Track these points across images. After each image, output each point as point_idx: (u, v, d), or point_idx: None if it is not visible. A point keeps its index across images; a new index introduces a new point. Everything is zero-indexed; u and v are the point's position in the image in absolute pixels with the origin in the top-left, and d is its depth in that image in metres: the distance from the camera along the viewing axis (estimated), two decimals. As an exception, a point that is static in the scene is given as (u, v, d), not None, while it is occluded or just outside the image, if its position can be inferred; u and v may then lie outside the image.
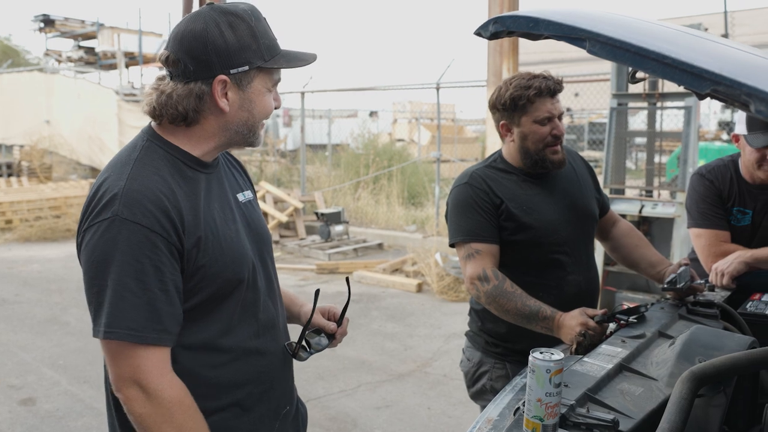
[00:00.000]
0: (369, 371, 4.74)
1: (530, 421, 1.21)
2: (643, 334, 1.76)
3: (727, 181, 2.47)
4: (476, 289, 2.08)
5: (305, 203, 10.56)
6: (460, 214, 2.18)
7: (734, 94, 0.80)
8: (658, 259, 2.29)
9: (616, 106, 5.40)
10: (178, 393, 1.32)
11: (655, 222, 5.06)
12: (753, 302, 2.05)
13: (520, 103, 2.12)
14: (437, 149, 9.69)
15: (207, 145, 1.44)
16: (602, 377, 1.49)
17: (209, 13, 1.37)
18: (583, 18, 0.96)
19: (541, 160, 2.16)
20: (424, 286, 7.02)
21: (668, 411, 1.28)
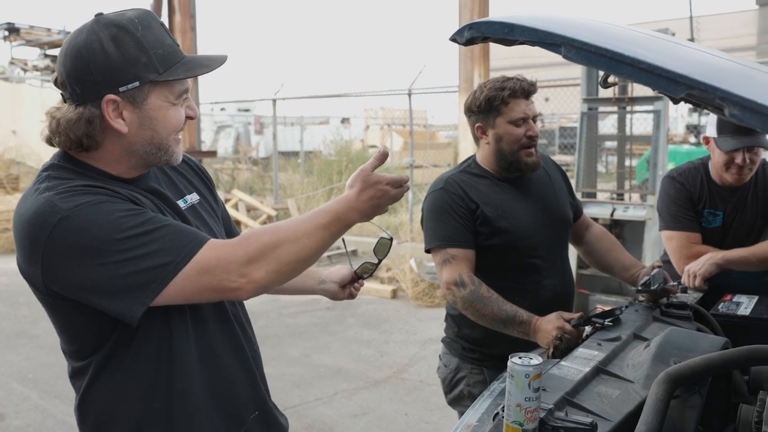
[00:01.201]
0: (345, 378, 4.71)
1: (510, 426, 1.21)
2: (618, 336, 1.77)
3: (698, 184, 2.51)
4: (453, 295, 2.08)
5: (278, 211, 10.49)
6: (435, 220, 2.18)
7: (708, 98, 0.81)
8: (632, 262, 2.31)
9: (586, 110, 5.46)
10: (249, 236, 1.29)
11: (627, 225, 5.12)
12: (725, 303, 2.08)
13: (495, 104, 2.14)
14: (410, 155, 9.71)
15: (119, 167, 1.35)
16: (579, 380, 1.49)
17: (92, 28, 1.27)
18: (558, 24, 0.96)
19: (515, 162, 2.17)
20: (399, 292, 7.02)
21: (645, 413, 1.29)
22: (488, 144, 2.21)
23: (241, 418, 1.53)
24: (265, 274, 1.26)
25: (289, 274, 1.33)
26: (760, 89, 0.86)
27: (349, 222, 1.38)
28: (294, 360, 5.10)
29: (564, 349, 1.79)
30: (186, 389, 1.41)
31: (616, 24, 1.12)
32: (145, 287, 1.22)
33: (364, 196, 1.39)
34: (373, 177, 1.41)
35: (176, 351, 1.39)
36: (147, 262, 1.21)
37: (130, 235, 1.21)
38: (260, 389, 1.60)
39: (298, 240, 1.30)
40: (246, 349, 1.56)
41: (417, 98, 25.20)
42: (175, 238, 1.24)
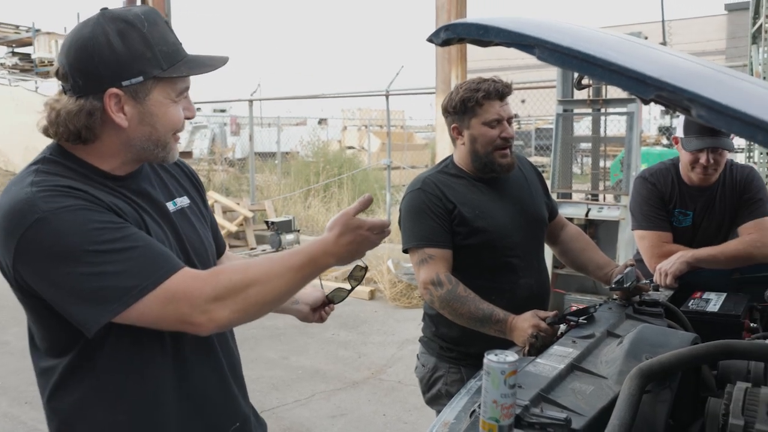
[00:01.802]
0: (323, 380, 4.71)
1: (486, 422, 1.23)
2: (592, 334, 1.80)
3: (669, 184, 2.57)
4: (430, 294, 2.10)
5: (255, 212, 10.43)
6: (413, 220, 2.20)
7: (677, 99, 0.84)
8: (605, 261, 2.36)
9: (561, 112, 5.53)
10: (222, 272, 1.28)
11: (601, 225, 5.19)
12: (695, 300, 2.13)
13: (470, 105, 2.17)
14: (387, 156, 9.73)
15: (113, 161, 1.34)
16: (554, 377, 1.52)
17: (98, 21, 1.28)
18: (532, 26, 0.98)
19: (490, 163, 2.20)
20: (377, 293, 7.04)
21: (618, 407, 1.32)
22: (464, 144, 2.24)
23: (221, 430, 1.52)
24: (229, 314, 1.25)
25: (255, 315, 1.31)
26: (726, 92, 0.89)
27: (323, 266, 1.37)
28: (272, 362, 5.09)
29: (539, 346, 1.81)
30: (156, 402, 1.38)
31: (590, 27, 1.14)
32: (106, 305, 1.20)
33: (343, 240, 1.38)
34: (355, 221, 1.39)
35: (148, 362, 1.37)
36: (112, 280, 1.20)
37: (103, 249, 1.20)
38: (239, 400, 1.59)
39: (268, 281, 1.29)
40: (223, 359, 1.54)
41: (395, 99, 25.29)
42: (147, 261, 1.22)
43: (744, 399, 1.34)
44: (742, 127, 0.79)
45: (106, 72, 1.25)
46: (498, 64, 18.19)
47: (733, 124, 0.80)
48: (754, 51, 5.22)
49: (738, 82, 1.01)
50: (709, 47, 21.97)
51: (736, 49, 20.46)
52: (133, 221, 1.31)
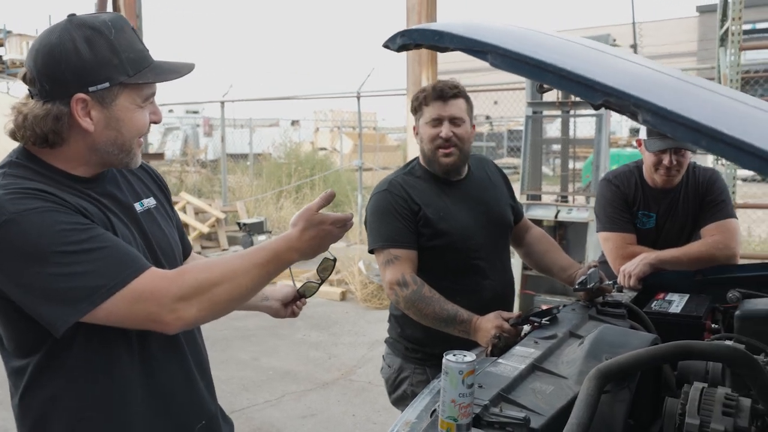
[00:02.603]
0: (294, 381, 4.70)
1: (445, 421, 1.24)
2: (555, 334, 1.82)
3: (632, 186, 2.60)
4: (395, 294, 2.11)
5: (227, 213, 10.37)
6: (379, 221, 2.21)
7: (624, 104, 0.85)
8: (569, 263, 2.38)
9: (531, 114, 5.59)
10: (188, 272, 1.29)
11: (570, 226, 5.25)
12: (657, 301, 2.16)
13: (416, 105, 2.26)
14: (359, 158, 9.73)
15: (79, 165, 1.36)
16: (515, 377, 1.53)
17: (65, 27, 1.30)
18: (486, 31, 0.99)
19: (434, 161, 2.25)
20: (348, 294, 7.04)
21: (576, 407, 1.33)
22: (419, 144, 2.29)
23: (188, 429, 1.53)
24: (196, 312, 1.27)
25: (222, 312, 1.34)
26: (673, 97, 0.91)
27: (287, 261, 1.39)
28: (243, 363, 5.06)
29: (502, 347, 1.83)
30: (124, 400, 1.39)
31: (546, 32, 1.16)
32: (74, 305, 1.21)
33: (306, 236, 1.41)
34: (318, 216, 1.43)
35: (115, 361, 1.38)
36: (81, 281, 1.21)
37: (70, 250, 1.21)
38: (206, 399, 1.60)
39: (233, 279, 1.31)
40: (190, 358, 1.55)
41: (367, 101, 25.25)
42: (114, 261, 1.24)
43: (700, 399, 1.37)
44: (686, 132, 0.81)
45: (72, 78, 1.27)
46: (470, 65, 18.28)
47: (678, 129, 0.82)
48: (722, 53, 5.32)
49: (688, 88, 1.03)
50: (680, 49, 22.34)
51: (706, 51, 20.85)
52: (100, 222, 1.32)
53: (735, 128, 0.81)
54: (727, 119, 0.90)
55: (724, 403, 1.33)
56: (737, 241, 2.43)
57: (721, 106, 0.97)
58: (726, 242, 2.40)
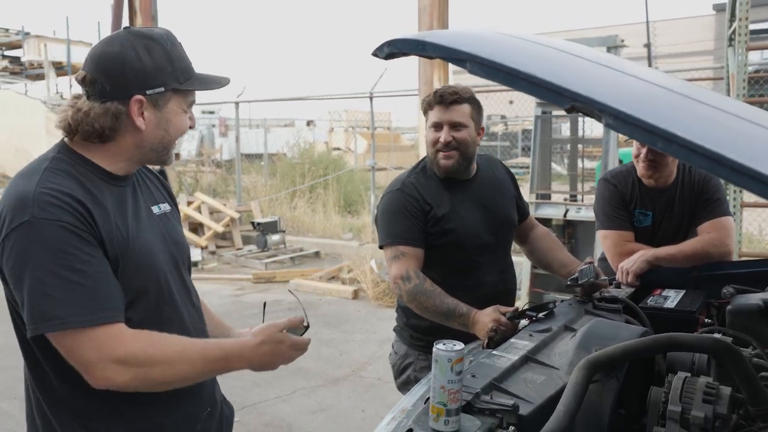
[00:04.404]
0: (305, 377, 4.79)
1: (435, 406, 1.31)
2: (549, 328, 1.89)
3: (629, 185, 2.66)
4: (399, 288, 2.20)
5: (241, 213, 10.50)
6: (390, 219, 2.30)
7: (589, 109, 0.93)
8: (569, 260, 2.46)
9: (540, 114, 5.64)
10: (142, 340, 1.36)
11: (580, 225, 5.30)
12: (653, 297, 2.22)
13: (423, 109, 2.34)
14: (372, 157, 9.81)
15: (120, 161, 1.49)
16: (508, 368, 1.60)
17: (126, 37, 1.44)
18: (466, 40, 1.07)
19: (435, 164, 2.33)
20: (360, 292, 7.12)
21: (565, 395, 1.40)
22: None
23: (197, 417, 1.62)
24: (128, 380, 1.34)
25: (154, 389, 1.41)
26: (635, 101, 0.98)
27: (234, 367, 1.47)
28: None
29: (498, 340, 1.90)
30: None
31: (528, 39, 1.23)
32: (35, 322, 1.31)
33: (262, 350, 1.49)
34: (279, 336, 1.52)
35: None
36: (48, 305, 1.30)
37: (58, 273, 1.30)
38: (211, 387, 1.71)
39: (176, 364, 1.38)
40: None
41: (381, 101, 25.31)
42: (85, 301, 1.32)
43: (682, 387, 1.43)
44: (643, 134, 0.88)
45: (133, 80, 1.42)
46: (485, 65, 18.22)
47: (636, 131, 0.89)
48: (730, 53, 5.34)
49: (655, 91, 1.10)
50: (696, 48, 22.15)
51: (722, 50, 20.68)
52: (126, 217, 1.46)
53: (690, 130, 0.88)
54: (686, 122, 0.96)
55: (705, 391, 1.39)
56: (732, 239, 2.48)
57: (683, 109, 1.04)
58: (721, 239, 2.45)
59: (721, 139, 0.93)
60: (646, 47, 8.44)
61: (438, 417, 1.31)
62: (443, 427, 1.30)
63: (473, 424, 1.34)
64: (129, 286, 1.43)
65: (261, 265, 8.55)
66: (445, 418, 1.30)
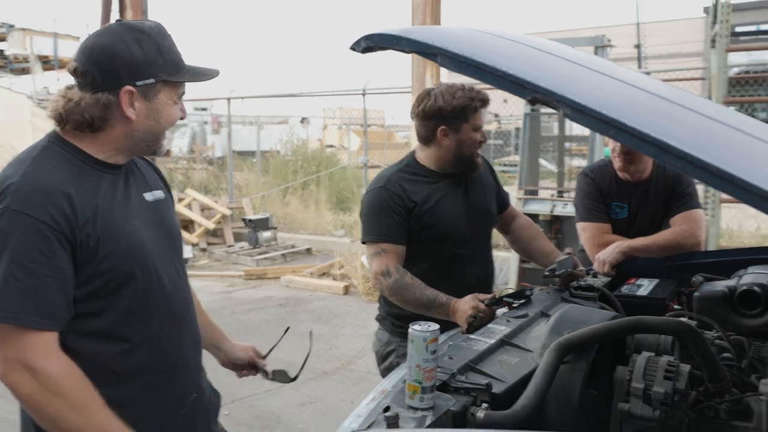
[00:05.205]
0: (294, 371, 4.85)
1: (411, 384, 1.39)
2: (526, 314, 1.98)
3: (607, 179, 2.76)
4: (380, 283, 2.29)
5: (233, 210, 10.55)
6: (373, 215, 2.37)
7: (548, 100, 1.01)
8: (550, 249, 2.55)
9: (529, 111, 5.73)
10: (65, 368, 1.39)
11: (566, 220, 5.40)
12: (628, 286, 2.31)
13: (467, 112, 2.33)
14: (364, 154, 9.89)
15: (110, 150, 1.54)
16: (484, 351, 1.69)
17: (118, 29, 1.50)
18: (438, 35, 1.15)
19: (471, 163, 2.41)
20: (351, 288, 7.20)
21: (536, 375, 1.49)
22: (447, 145, 2.37)
23: (182, 401, 1.68)
24: (27, 394, 1.37)
25: (39, 419, 1.41)
26: (592, 93, 1.06)
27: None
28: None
29: (477, 326, 1.98)
30: (136, 371, 1.54)
31: (499, 35, 1.31)
32: None
33: None
34: None
35: (131, 331, 1.54)
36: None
37: (8, 265, 1.35)
38: (198, 373, 1.77)
39: (76, 412, 1.39)
40: (190, 336, 1.71)
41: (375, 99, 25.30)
42: (19, 297, 1.35)
43: (645, 366, 1.52)
44: (598, 124, 0.96)
45: (124, 72, 1.47)
46: (477, 64, 18.30)
47: (591, 121, 0.97)
48: (712, 55, 5.45)
49: (611, 84, 1.18)
50: (687, 49, 22.31)
51: (711, 51, 20.83)
52: (115, 203, 1.51)
53: (640, 120, 0.96)
54: (637, 113, 1.05)
55: (666, 368, 1.48)
56: (702, 230, 2.58)
57: (638, 102, 1.12)
58: (692, 231, 2.55)
59: (669, 130, 1.01)
60: (636, 48, 8.55)
61: (414, 394, 1.39)
62: (418, 404, 1.38)
63: (447, 401, 1.42)
64: (115, 270, 1.48)
65: (252, 261, 8.61)
66: (421, 395, 1.38)
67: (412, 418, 1.36)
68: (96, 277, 1.46)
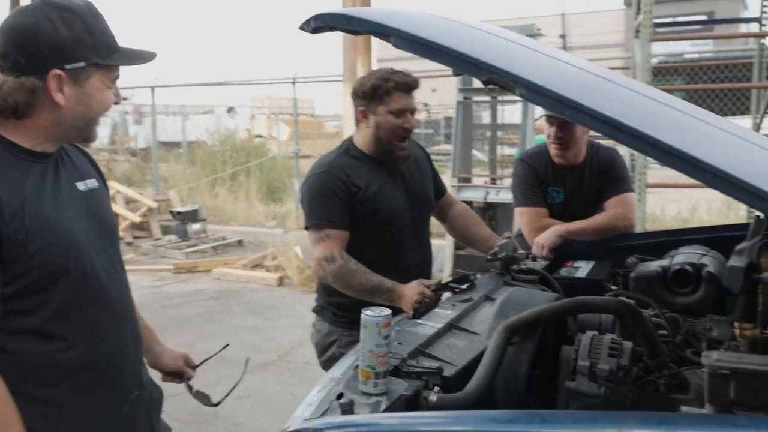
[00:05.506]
0: (229, 364, 4.72)
1: (364, 370, 1.39)
2: (471, 298, 2.01)
3: (543, 164, 2.82)
4: (323, 270, 2.25)
5: (160, 202, 10.26)
6: (316, 201, 2.34)
7: (504, 81, 1.01)
8: (489, 235, 2.59)
9: (462, 99, 5.80)
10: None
11: (499, 207, 5.50)
12: (566, 268, 2.37)
13: (379, 92, 2.33)
14: (295, 144, 9.80)
15: (38, 137, 1.45)
16: (432, 335, 1.70)
17: (41, 8, 1.40)
18: (391, 16, 1.14)
19: (389, 151, 2.38)
20: (285, 279, 7.14)
21: (485, 357, 1.52)
22: (368, 128, 2.38)
23: (123, 398, 1.62)
24: None
25: None
26: (546, 75, 1.08)
27: None
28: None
29: (423, 311, 1.99)
30: (74, 369, 1.48)
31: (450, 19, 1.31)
32: None
33: None
34: None
35: (66, 332, 1.46)
36: None
37: None
38: (140, 369, 1.71)
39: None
40: (129, 332, 1.65)
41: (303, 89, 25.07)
42: None
43: (590, 344, 1.56)
44: (554, 104, 0.98)
45: (50, 54, 1.38)
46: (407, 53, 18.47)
47: (547, 101, 0.99)
48: (636, 45, 5.65)
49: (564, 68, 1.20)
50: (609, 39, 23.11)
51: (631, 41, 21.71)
52: (45, 195, 1.43)
53: (595, 102, 0.98)
54: (591, 95, 1.07)
55: (610, 346, 1.53)
56: (635, 213, 2.68)
57: (591, 85, 1.15)
58: (625, 214, 2.65)
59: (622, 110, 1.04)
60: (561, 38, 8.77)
61: (367, 380, 1.39)
62: (372, 389, 1.38)
63: (400, 386, 1.43)
64: (47, 265, 1.40)
65: (182, 255, 8.41)
66: (374, 381, 1.38)
67: (367, 404, 1.36)
68: (26, 273, 1.38)
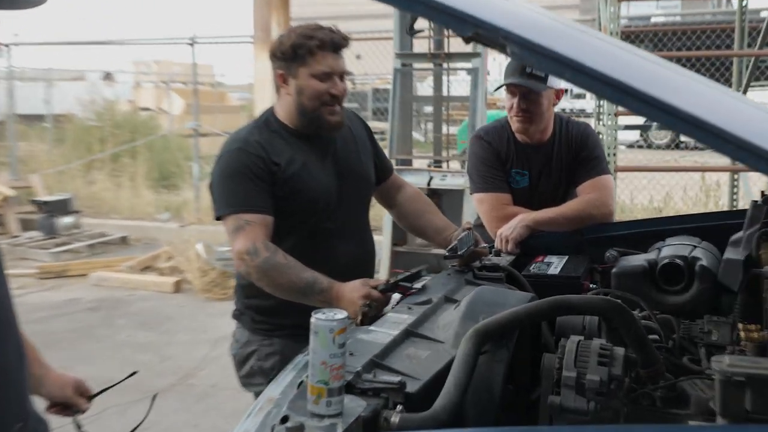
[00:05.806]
0: (117, 391, 4.64)
1: (315, 386, 1.36)
2: (429, 300, 2.03)
3: (504, 142, 2.86)
4: (246, 265, 2.22)
5: (19, 190, 9.91)
6: (230, 183, 2.31)
7: (493, 36, 1.03)
8: (445, 224, 2.60)
9: (400, 67, 5.82)
10: None
11: (445, 194, 5.56)
12: (536, 264, 2.43)
13: (300, 52, 2.30)
14: (194, 119, 9.64)
15: None
16: (388, 344, 1.71)
17: None
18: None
19: (316, 119, 2.36)
20: (184, 284, 7.05)
21: (454, 369, 1.53)
22: (289, 95, 2.37)
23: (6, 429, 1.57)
24: None
25: None
26: (541, 32, 1.10)
27: None
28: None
29: (373, 316, 2.01)
30: None
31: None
32: None
33: None
34: None
35: None
36: None
37: None
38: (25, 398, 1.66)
39: None
40: (11, 355, 1.59)
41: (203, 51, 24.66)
42: None
43: (576, 351, 1.61)
44: (551, 63, 1.01)
45: None
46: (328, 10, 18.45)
47: (543, 61, 1.01)
48: (602, 5, 5.84)
49: (556, 26, 1.24)
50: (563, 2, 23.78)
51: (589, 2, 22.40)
52: None
53: (597, 62, 1.02)
54: (591, 55, 1.11)
55: (599, 353, 1.57)
56: (613, 199, 2.76)
57: (587, 44, 1.19)
58: (602, 200, 2.72)
59: (627, 73, 1.08)
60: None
61: (318, 399, 1.35)
62: (325, 410, 1.34)
63: (357, 405, 1.41)
64: None
65: (48, 255, 8.17)
66: (327, 399, 1.34)
67: (319, 427, 1.35)
68: None
